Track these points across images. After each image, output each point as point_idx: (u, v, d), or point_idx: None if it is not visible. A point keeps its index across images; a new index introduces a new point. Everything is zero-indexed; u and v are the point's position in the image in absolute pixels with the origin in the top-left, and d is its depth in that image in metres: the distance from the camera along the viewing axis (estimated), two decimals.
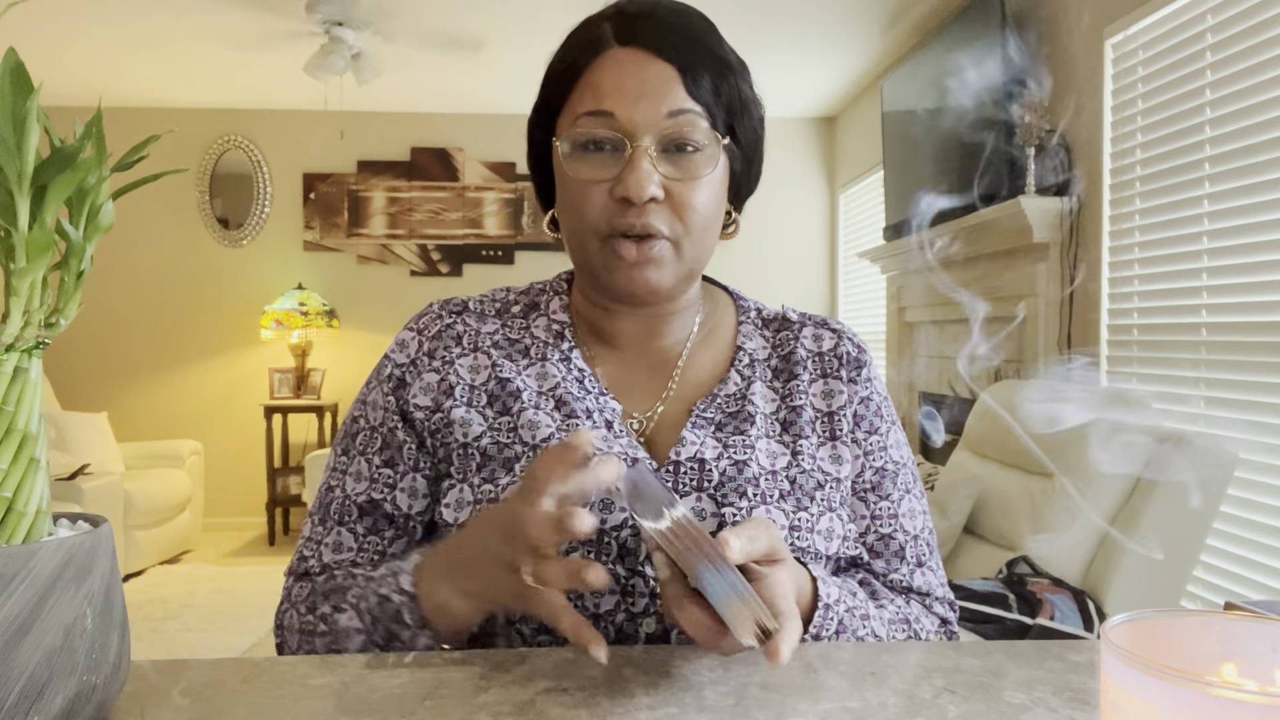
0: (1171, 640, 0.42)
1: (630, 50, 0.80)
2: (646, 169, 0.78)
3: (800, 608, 0.74)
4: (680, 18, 0.82)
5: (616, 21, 0.82)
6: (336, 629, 0.77)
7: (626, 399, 0.87)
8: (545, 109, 0.85)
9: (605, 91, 0.79)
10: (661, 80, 0.79)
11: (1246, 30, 2.17)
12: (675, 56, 0.80)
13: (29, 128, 0.50)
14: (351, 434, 0.87)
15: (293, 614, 0.82)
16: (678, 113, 0.79)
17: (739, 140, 0.84)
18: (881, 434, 0.89)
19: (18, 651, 0.49)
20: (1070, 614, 1.96)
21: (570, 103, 0.82)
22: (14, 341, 0.52)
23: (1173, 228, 2.44)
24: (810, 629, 0.74)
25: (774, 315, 0.94)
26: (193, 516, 5.16)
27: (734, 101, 0.83)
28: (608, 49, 0.81)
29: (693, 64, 0.80)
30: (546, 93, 0.85)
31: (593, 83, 0.80)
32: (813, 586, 0.76)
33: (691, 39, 0.81)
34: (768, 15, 3.93)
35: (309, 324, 5.34)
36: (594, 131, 0.79)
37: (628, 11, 0.82)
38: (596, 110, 0.79)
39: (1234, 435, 2.19)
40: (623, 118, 0.78)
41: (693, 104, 0.79)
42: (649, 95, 0.78)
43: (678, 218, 0.80)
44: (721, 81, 0.81)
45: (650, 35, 0.80)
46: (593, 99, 0.79)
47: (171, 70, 4.83)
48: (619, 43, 0.81)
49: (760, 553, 0.65)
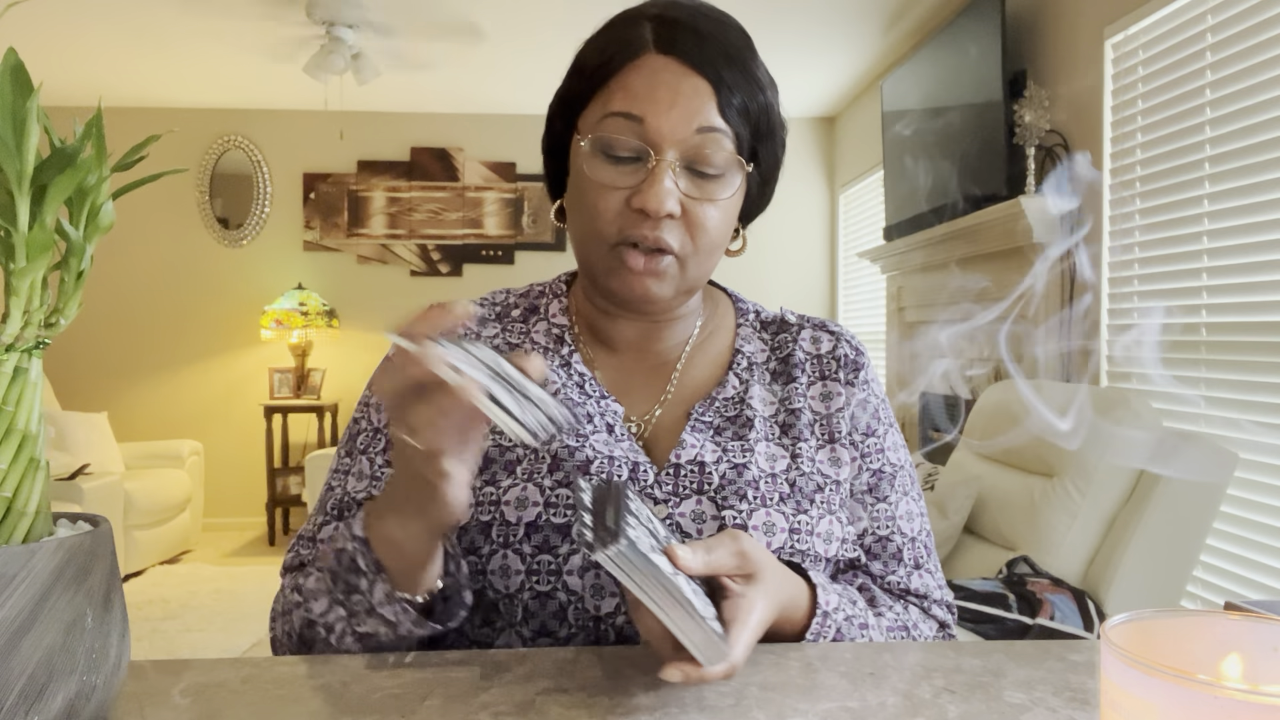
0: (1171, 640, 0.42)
1: (668, 59, 0.79)
2: (669, 185, 0.77)
3: (794, 616, 0.74)
4: (720, 30, 0.81)
5: (657, 25, 0.80)
6: (306, 593, 0.75)
7: (625, 402, 0.87)
8: (570, 100, 0.84)
9: (637, 97, 0.78)
10: (696, 95, 0.78)
11: (1246, 30, 2.17)
12: (712, 73, 0.79)
13: (29, 128, 0.50)
14: (354, 435, 0.87)
15: (280, 599, 0.82)
16: (706, 129, 0.78)
17: (760, 163, 0.84)
18: (879, 436, 0.88)
19: (18, 651, 0.49)
20: (1070, 614, 1.96)
21: (599, 99, 0.81)
22: (14, 341, 0.52)
23: (1173, 228, 2.44)
24: (807, 635, 0.74)
25: (773, 318, 0.94)
26: (193, 516, 5.16)
27: (761, 124, 0.82)
28: (645, 53, 0.79)
29: (728, 82, 0.79)
30: (574, 84, 0.83)
31: (626, 85, 0.79)
32: (810, 593, 0.76)
33: (729, 56, 0.80)
34: (768, 15, 3.93)
35: (309, 324, 5.34)
36: (620, 137, 0.78)
37: (670, 17, 0.81)
38: (626, 113, 0.78)
39: (1234, 435, 2.19)
40: (652, 126, 0.77)
41: (722, 123, 0.79)
42: (681, 108, 0.78)
43: (689, 236, 0.80)
44: (753, 102, 0.81)
45: (690, 46, 0.79)
46: (623, 100, 0.78)
47: (171, 70, 4.83)
48: (658, 49, 0.79)
49: (725, 565, 0.64)
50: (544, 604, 0.78)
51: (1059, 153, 2.95)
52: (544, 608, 0.78)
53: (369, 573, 0.70)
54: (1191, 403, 2.36)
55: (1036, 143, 2.91)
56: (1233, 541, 2.22)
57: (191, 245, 5.65)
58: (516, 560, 0.77)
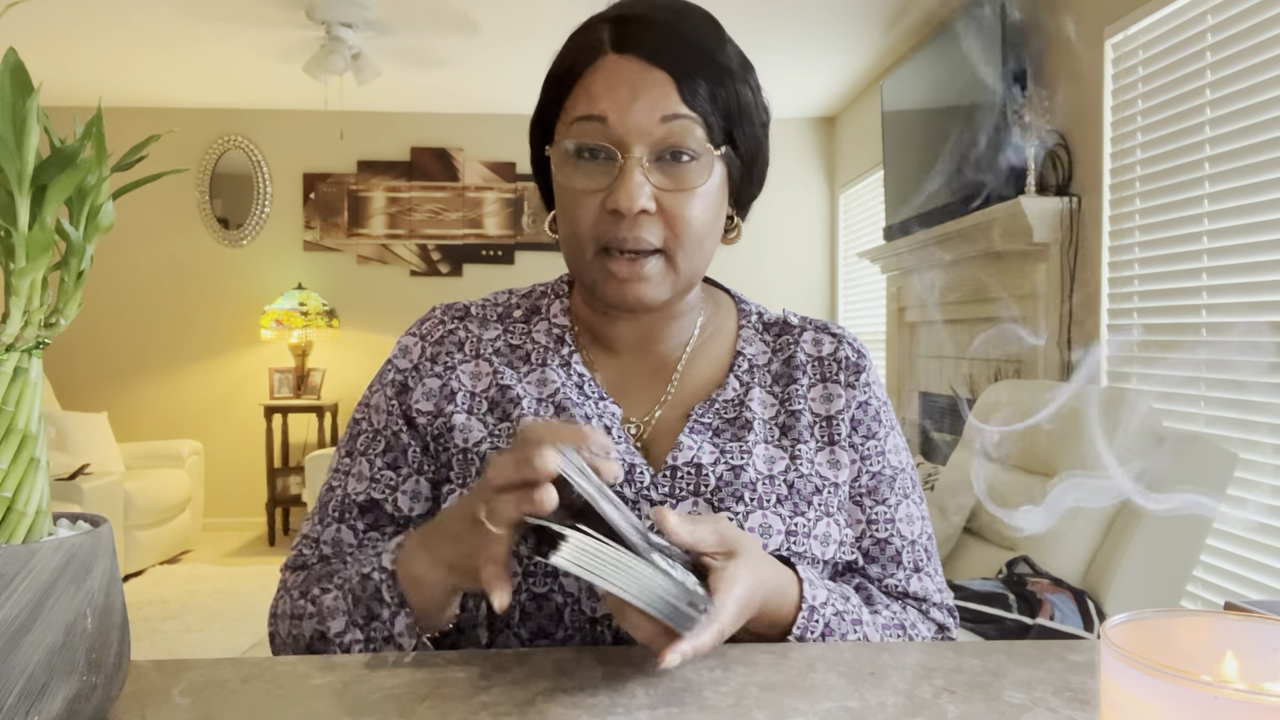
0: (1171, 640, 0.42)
1: (626, 58, 0.79)
2: (638, 180, 0.77)
3: (783, 609, 0.74)
4: (679, 20, 0.81)
5: (614, 26, 0.81)
6: (321, 608, 0.77)
7: (625, 403, 0.86)
8: (543, 112, 0.85)
9: (599, 96, 0.79)
10: (655, 87, 0.78)
11: (1246, 30, 2.17)
12: (670, 64, 0.79)
13: (29, 128, 0.50)
14: (354, 436, 0.88)
15: (285, 599, 0.82)
16: (671, 118, 0.78)
17: (738, 147, 0.83)
18: (880, 439, 0.88)
19: (18, 651, 0.49)
20: (1070, 614, 1.96)
21: (566, 107, 0.82)
22: (14, 341, 0.52)
23: (1173, 228, 2.44)
24: (794, 630, 0.74)
25: (775, 320, 0.94)
26: (193, 516, 5.16)
27: (732, 107, 0.81)
28: (603, 55, 0.80)
29: (689, 71, 0.79)
30: (545, 96, 0.85)
31: (587, 88, 0.80)
32: (798, 588, 0.75)
33: (689, 45, 0.80)
34: (768, 15, 3.93)
35: (309, 324, 5.33)
36: (586, 138, 0.79)
37: (625, 16, 0.82)
38: (589, 115, 0.78)
39: (1234, 435, 2.19)
40: (615, 123, 0.78)
41: (687, 110, 0.78)
42: (642, 101, 0.78)
43: (670, 230, 0.79)
44: (719, 88, 0.80)
45: (646, 42, 0.79)
46: (586, 104, 0.79)
47: (171, 70, 4.83)
48: (615, 49, 0.80)
49: (706, 541, 0.66)
50: (540, 606, 0.78)
51: (1059, 153, 2.95)
52: (540, 609, 0.78)
53: (392, 605, 0.73)
54: (1191, 403, 2.36)
55: (1036, 143, 2.91)
56: (1233, 541, 2.22)
57: (191, 245, 5.65)
58: (512, 563, 0.77)
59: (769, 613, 0.73)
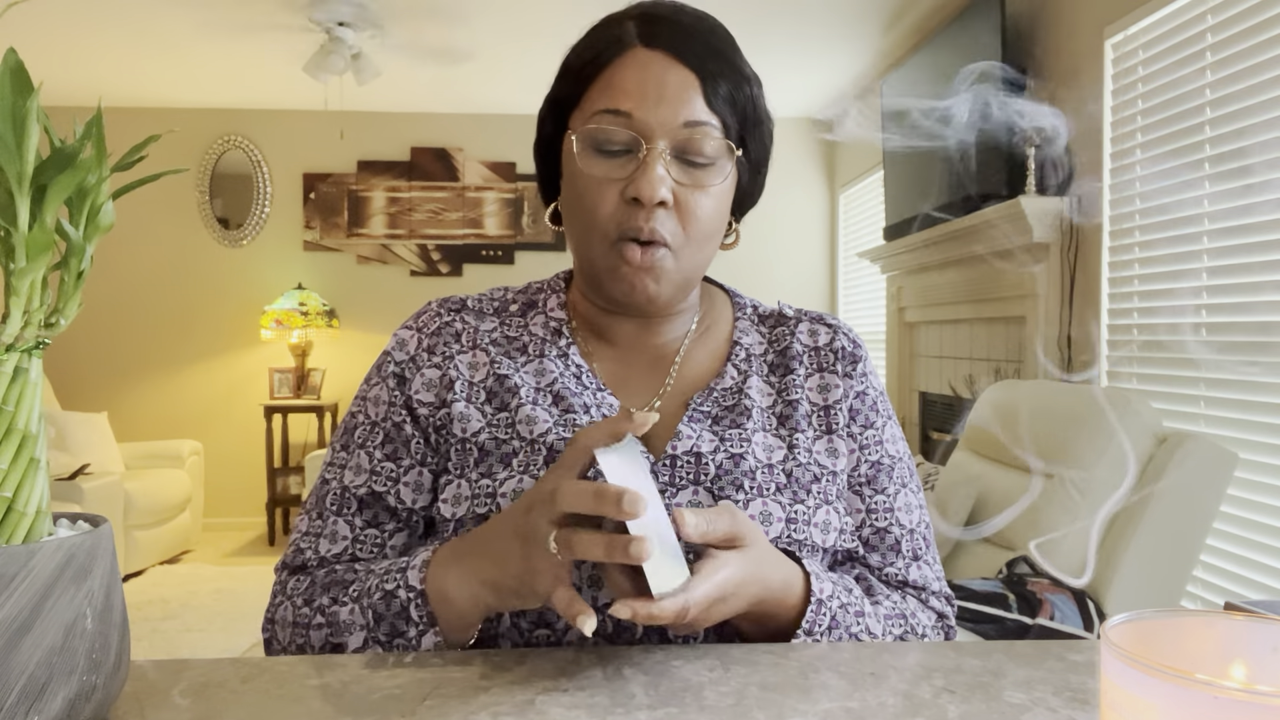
0: (1171, 640, 0.42)
1: (653, 53, 0.81)
2: (660, 172, 0.79)
3: (790, 600, 0.75)
4: (703, 26, 0.83)
5: (641, 22, 0.82)
6: (336, 622, 0.76)
7: (624, 394, 0.87)
8: (560, 102, 0.85)
9: (625, 91, 0.79)
10: (681, 86, 0.80)
11: (1246, 30, 2.17)
12: (696, 64, 0.80)
13: (29, 128, 0.50)
14: (350, 429, 0.87)
15: (287, 607, 0.81)
16: (694, 123, 0.80)
17: (749, 153, 0.85)
18: (877, 428, 0.89)
19: (18, 651, 0.49)
20: (1070, 614, 1.96)
21: (588, 98, 0.82)
22: (14, 341, 0.52)
23: (1173, 228, 2.44)
24: (803, 624, 0.75)
25: (770, 311, 0.95)
26: (193, 516, 5.16)
27: (748, 114, 0.84)
28: (630, 49, 0.81)
29: (713, 73, 0.81)
30: (563, 86, 0.85)
31: (613, 81, 0.80)
32: (805, 582, 0.76)
33: (711, 48, 0.82)
34: (767, 15, 3.93)
35: (309, 324, 5.33)
36: (610, 130, 0.79)
37: (652, 14, 0.83)
38: (614, 109, 0.79)
39: (1234, 435, 2.19)
40: (640, 119, 0.79)
41: (709, 115, 0.80)
42: (668, 100, 0.79)
43: (681, 225, 0.81)
44: (738, 92, 0.82)
45: (674, 40, 0.81)
46: (611, 97, 0.80)
47: (171, 70, 4.83)
48: (642, 44, 0.81)
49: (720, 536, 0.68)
50: None
51: (1059, 153, 2.94)
52: None
53: (420, 624, 0.73)
54: (1191, 403, 2.36)
55: (1036, 143, 2.91)
56: (1233, 541, 2.22)
57: (191, 245, 5.65)
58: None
59: (774, 607, 0.73)
